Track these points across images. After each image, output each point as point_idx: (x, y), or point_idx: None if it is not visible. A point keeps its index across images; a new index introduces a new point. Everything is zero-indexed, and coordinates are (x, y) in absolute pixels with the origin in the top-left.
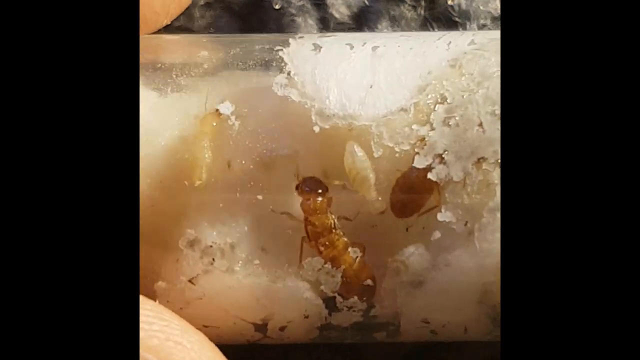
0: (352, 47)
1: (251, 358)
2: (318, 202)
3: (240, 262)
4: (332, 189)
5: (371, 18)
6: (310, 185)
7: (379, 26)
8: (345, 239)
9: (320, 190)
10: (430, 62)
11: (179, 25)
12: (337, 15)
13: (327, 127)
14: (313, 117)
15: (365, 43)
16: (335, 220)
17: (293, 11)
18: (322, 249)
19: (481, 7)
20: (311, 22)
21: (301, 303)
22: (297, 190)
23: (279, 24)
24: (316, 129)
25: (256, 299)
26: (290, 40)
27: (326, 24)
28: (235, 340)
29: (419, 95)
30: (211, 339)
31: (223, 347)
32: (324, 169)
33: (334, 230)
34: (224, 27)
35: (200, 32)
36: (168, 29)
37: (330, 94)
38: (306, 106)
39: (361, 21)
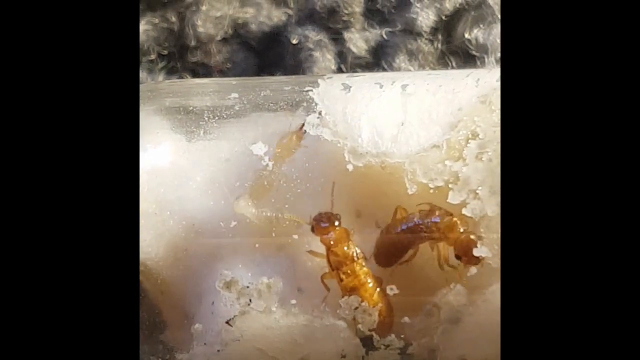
0: (381, 86)
1: None
2: (337, 232)
3: (277, 302)
4: (366, 228)
5: (388, 52)
6: (323, 221)
7: (397, 60)
8: (367, 269)
9: (336, 223)
10: (460, 99)
11: (195, 61)
12: (354, 50)
13: (360, 165)
14: (346, 156)
15: (394, 82)
16: (358, 251)
17: (311, 46)
18: (343, 277)
19: (498, 41)
20: (329, 56)
21: (338, 342)
22: (313, 230)
23: (296, 59)
24: (349, 167)
25: (293, 339)
26: (319, 80)
27: (344, 59)
28: None
29: (451, 131)
30: None
31: None
32: (357, 207)
33: (356, 260)
34: (240, 63)
35: (218, 66)
36: (186, 67)
37: (362, 132)
38: (339, 145)
39: (378, 55)
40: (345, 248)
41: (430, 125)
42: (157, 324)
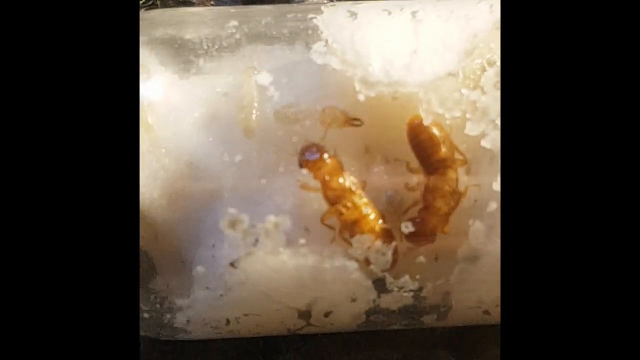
0: (389, 13)
1: None
2: (328, 164)
3: (284, 242)
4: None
5: None
6: (310, 153)
7: None
8: (367, 200)
9: (326, 155)
10: (475, 25)
11: None
12: None
13: (372, 95)
14: (357, 85)
15: (402, 8)
16: (354, 180)
17: None
18: (343, 210)
19: None
20: None
21: (349, 285)
22: (301, 165)
23: None
24: (360, 97)
25: (301, 282)
26: (323, 7)
27: None
28: (275, 329)
29: (467, 58)
30: (250, 330)
31: None
32: (365, 142)
33: (354, 191)
34: None
35: (202, 4)
36: (167, 4)
37: (372, 61)
38: (348, 74)
39: None
40: (341, 180)
41: (445, 53)
42: (148, 271)
